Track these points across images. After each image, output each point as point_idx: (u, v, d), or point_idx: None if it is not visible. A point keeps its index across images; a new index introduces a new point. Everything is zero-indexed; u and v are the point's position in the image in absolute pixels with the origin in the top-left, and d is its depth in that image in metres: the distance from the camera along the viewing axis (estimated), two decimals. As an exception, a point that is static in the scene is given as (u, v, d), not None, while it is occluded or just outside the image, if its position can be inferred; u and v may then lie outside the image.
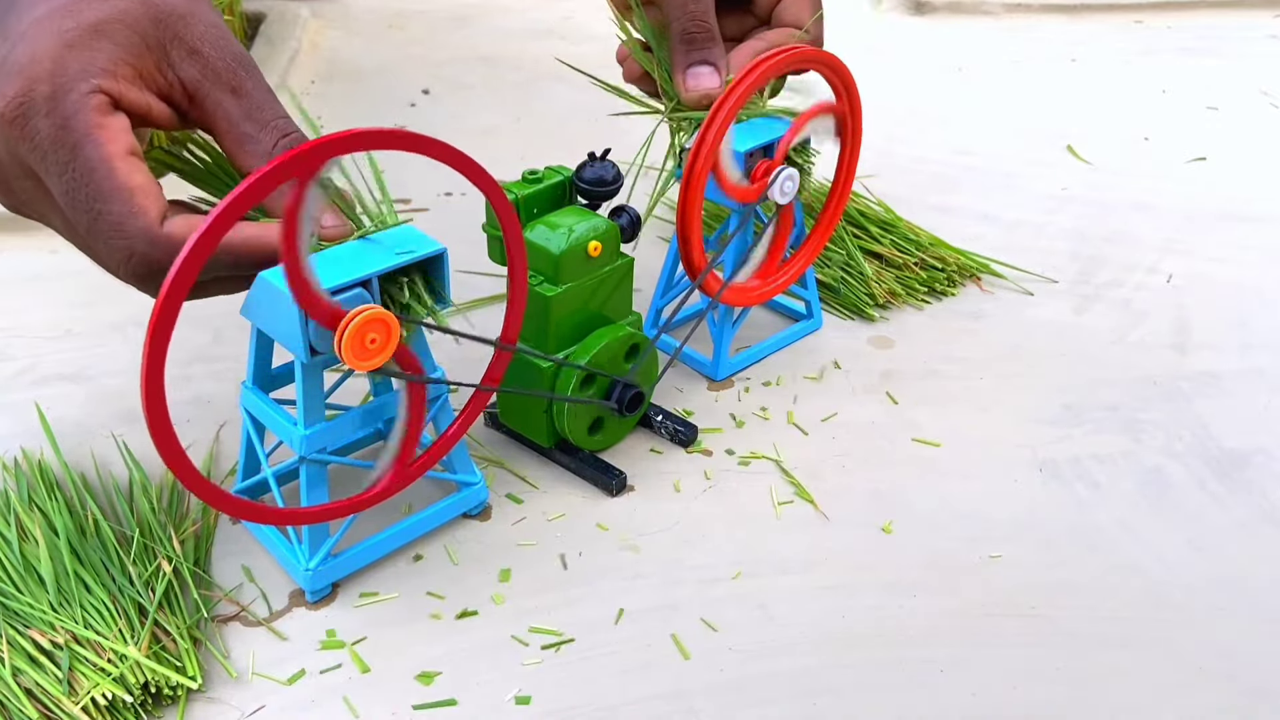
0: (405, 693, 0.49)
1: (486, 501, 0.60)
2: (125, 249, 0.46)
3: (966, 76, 1.16)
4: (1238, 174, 0.97)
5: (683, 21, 0.63)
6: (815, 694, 0.50)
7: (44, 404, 0.66)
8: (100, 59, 0.46)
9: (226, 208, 0.41)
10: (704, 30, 0.63)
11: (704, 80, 0.63)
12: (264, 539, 0.56)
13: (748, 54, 0.64)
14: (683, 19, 0.63)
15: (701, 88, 0.63)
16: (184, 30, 0.48)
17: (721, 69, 0.63)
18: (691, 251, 0.62)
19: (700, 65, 0.63)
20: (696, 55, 0.63)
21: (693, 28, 0.63)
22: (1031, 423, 0.66)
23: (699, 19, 0.63)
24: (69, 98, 0.45)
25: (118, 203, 0.45)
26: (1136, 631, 0.53)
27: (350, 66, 1.17)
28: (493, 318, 0.73)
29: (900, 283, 0.77)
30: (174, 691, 0.48)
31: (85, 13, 0.46)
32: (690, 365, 0.71)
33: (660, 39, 0.65)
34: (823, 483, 0.62)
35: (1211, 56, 1.21)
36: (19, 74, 0.45)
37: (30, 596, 0.50)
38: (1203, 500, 0.61)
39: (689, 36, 0.63)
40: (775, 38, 0.65)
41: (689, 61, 0.63)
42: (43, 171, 0.46)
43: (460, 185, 0.91)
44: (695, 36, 0.63)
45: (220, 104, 0.49)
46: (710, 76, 0.63)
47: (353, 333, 0.46)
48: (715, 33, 0.63)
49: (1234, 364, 0.72)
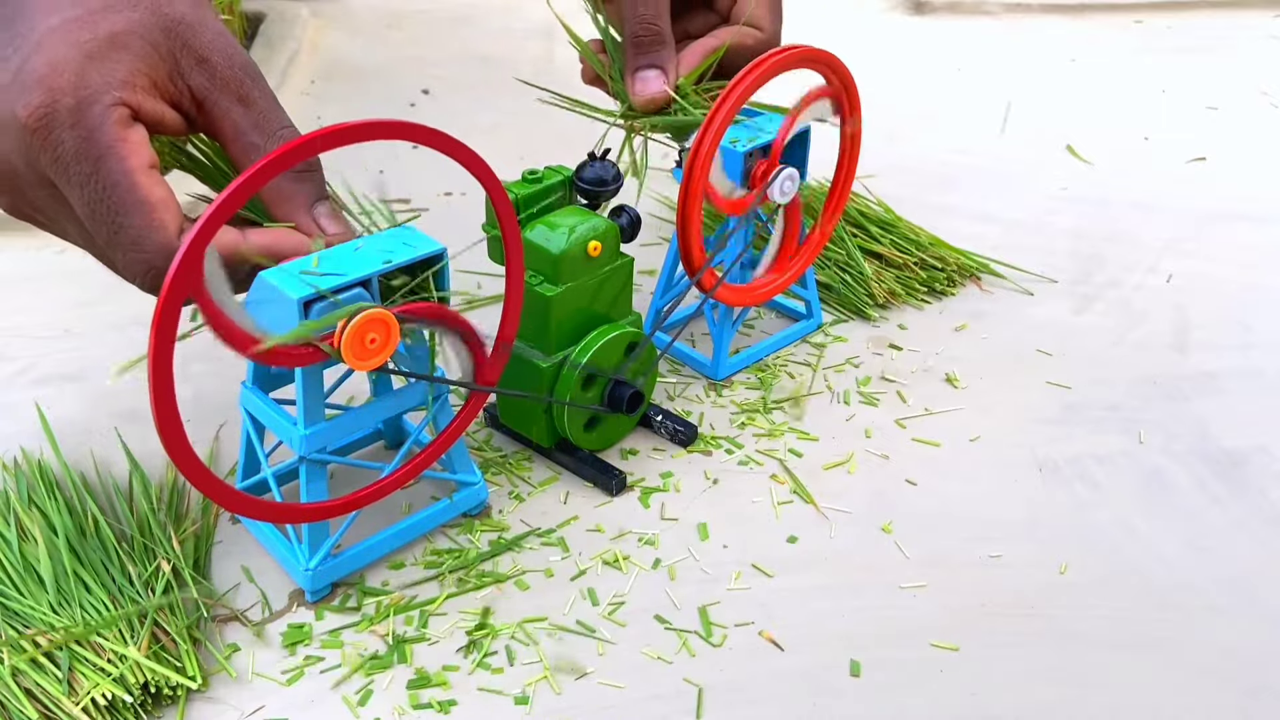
0: (405, 692, 0.49)
1: (486, 501, 0.60)
2: (144, 262, 0.46)
3: (966, 76, 1.16)
4: (1238, 174, 0.97)
5: (634, 24, 0.63)
6: (815, 694, 0.50)
7: (44, 404, 0.66)
8: (120, 71, 0.46)
9: (219, 205, 0.41)
10: (653, 34, 0.63)
11: (650, 85, 0.63)
12: (264, 539, 0.56)
13: (698, 52, 0.64)
14: (634, 22, 0.63)
15: (648, 92, 0.63)
16: (193, 39, 0.49)
17: (670, 72, 0.63)
18: (691, 251, 0.62)
19: (648, 69, 0.63)
20: (644, 59, 0.63)
21: (642, 31, 0.63)
22: (1031, 423, 0.66)
23: (648, 22, 0.63)
24: (93, 110, 0.45)
25: (138, 217, 0.46)
26: (1136, 631, 0.53)
27: (350, 66, 1.17)
28: (493, 318, 0.73)
29: (900, 283, 0.77)
30: (174, 691, 0.48)
31: (101, 24, 0.47)
32: (690, 365, 0.71)
33: (615, 41, 0.65)
34: (823, 483, 0.62)
35: (1211, 56, 1.21)
36: (39, 84, 0.45)
37: (30, 597, 0.51)
38: (1203, 500, 0.61)
39: (638, 40, 0.63)
40: (727, 35, 0.65)
41: (636, 65, 0.63)
42: (63, 183, 0.46)
43: (460, 185, 0.91)
44: (644, 40, 0.63)
45: (228, 113, 0.50)
46: (656, 80, 0.63)
47: (352, 333, 0.46)
48: (664, 36, 0.63)
49: (1234, 364, 0.72)
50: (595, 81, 0.68)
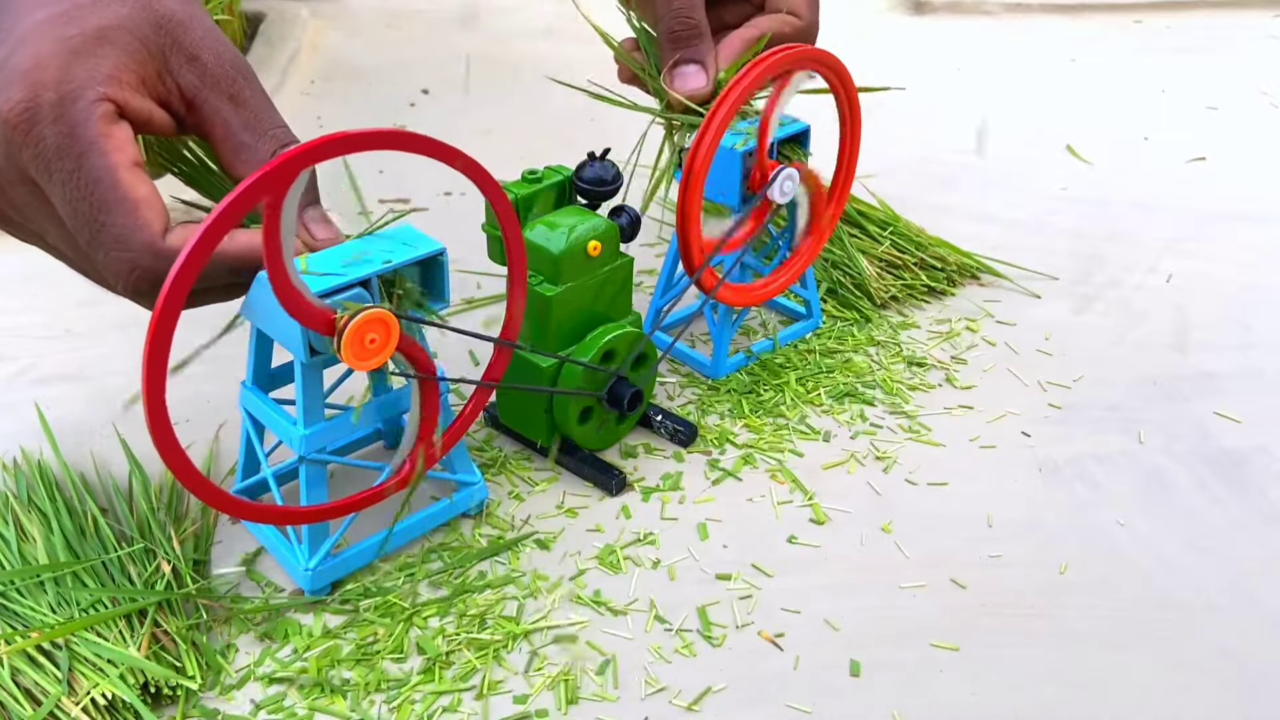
0: (404, 692, 0.49)
1: (486, 501, 0.60)
2: (128, 261, 0.45)
3: (966, 76, 1.16)
4: (1237, 174, 0.97)
5: (669, 20, 0.62)
6: (815, 694, 0.50)
7: (44, 404, 0.66)
8: (105, 66, 0.45)
9: (221, 214, 0.41)
10: (689, 28, 0.62)
11: (690, 80, 0.62)
12: (264, 539, 0.56)
13: (738, 43, 0.63)
14: (669, 17, 0.62)
15: (688, 88, 0.62)
16: (183, 36, 0.48)
17: (710, 67, 0.62)
18: (691, 250, 0.62)
19: (687, 64, 0.62)
20: (682, 54, 0.62)
21: (678, 26, 0.62)
22: (1031, 423, 0.66)
23: (684, 16, 0.62)
24: (76, 105, 0.44)
25: (121, 214, 0.45)
26: (1136, 631, 0.53)
27: (350, 66, 1.17)
28: (493, 318, 0.73)
29: (900, 283, 0.77)
30: (174, 691, 0.48)
31: (88, 19, 0.46)
32: (690, 365, 0.71)
33: (651, 37, 0.64)
34: (823, 483, 0.62)
35: (1211, 56, 1.21)
36: (22, 79, 0.44)
37: (30, 597, 0.50)
38: (1203, 500, 0.61)
39: (674, 35, 0.62)
40: (767, 24, 0.64)
41: (675, 60, 0.62)
42: (45, 180, 0.45)
43: (460, 185, 0.91)
44: (680, 35, 0.62)
45: (218, 111, 0.49)
46: (697, 75, 0.62)
47: (352, 333, 0.46)
48: (702, 29, 0.62)
49: (1234, 364, 0.72)
50: (633, 80, 0.67)
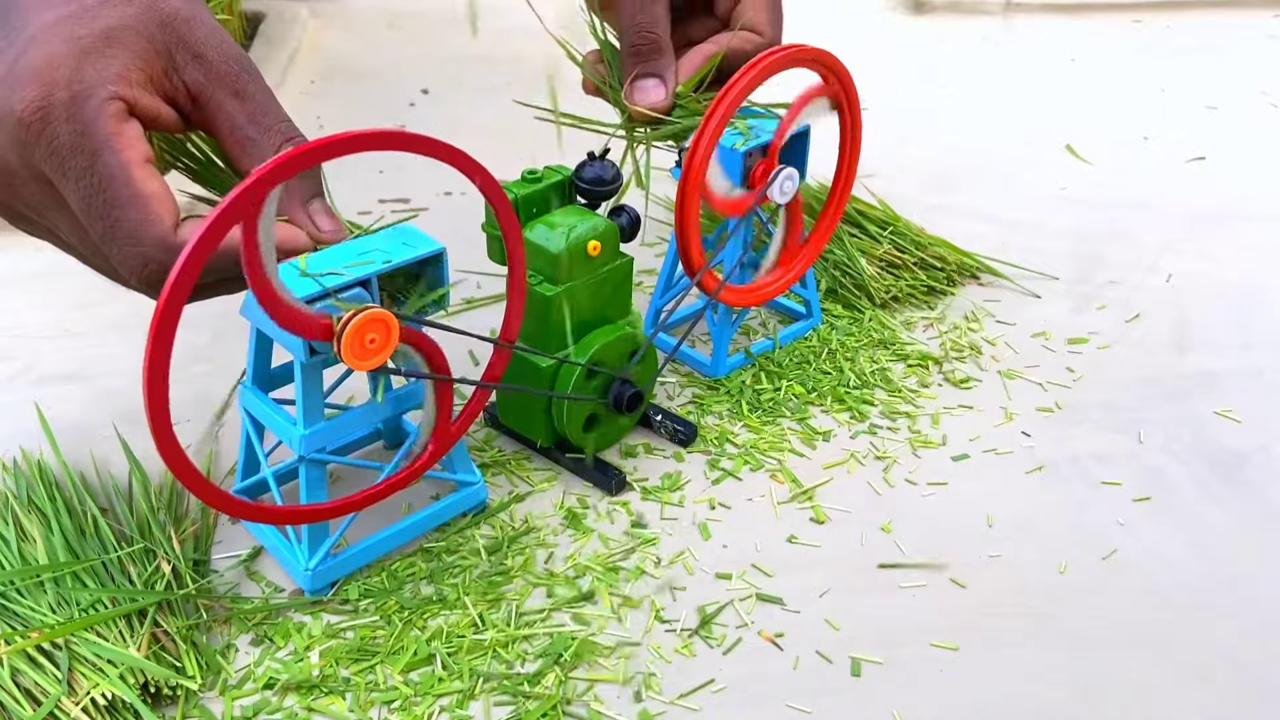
0: (403, 691, 0.49)
1: (486, 501, 0.60)
2: (140, 256, 0.46)
3: (967, 76, 1.16)
4: (1237, 174, 0.97)
5: (631, 34, 0.62)
6: (815, 694, 0.50)
7: (44, 404, 0.66)
8: (115, 65, 0.46)
9: (225, 209, 0.41)
10: (650, 43, 0.62)
11: (650, 94, 0.62)
12: (264, 538, 0.56)
13: (698, 58, 0.64)
14: (631, 31, 0.62)
15: (647, 101, 0.62)
16: (187, 34, 0.49)
17: (669, 81, 0.63)
18: (690, 250, 0.62)
19: (646, 78, 0.62)
20: (642, 68, 0.62)
21: (640, 40, 0.62)
22: (1032, 423, 0.66)
23: (646, 31, 0.62)
24: (88, 104, 0.45)
25: (134, 210, 0.46)
26: (1136, 631, 0.53)
27: (350, 66, 1.17)
28: (493, 318, 0.73)
29: (900, 282, 0.77)
30: (174, 691, 0.48)
31: (97, 19, 0.47)
32: (690, 365, 0.71)
33: (615, 50, 0.65)
34: (823, 483, 0.62)
35: (1211, 56, 1.21)
36: (35, 78, 0.45)
37: (30, 597, 0.50)
38: (1203, 500, 0.61)
39: (636, 49, 0.62)
40: (728, 41, 0.64)
41: (635, 74, 0.63)
42: (58, 177, 0.46)
43: (460, 185, 0.91)
44: (641, 49, 0.62)
45: (223, 107, 0.49)
46: (656, 90, 0.62)
47: (352, 333, 0.46)
48: (663, 44, 0.63)
49: (1234, 364, 0.72)
50: (596, 93, 0.68)
